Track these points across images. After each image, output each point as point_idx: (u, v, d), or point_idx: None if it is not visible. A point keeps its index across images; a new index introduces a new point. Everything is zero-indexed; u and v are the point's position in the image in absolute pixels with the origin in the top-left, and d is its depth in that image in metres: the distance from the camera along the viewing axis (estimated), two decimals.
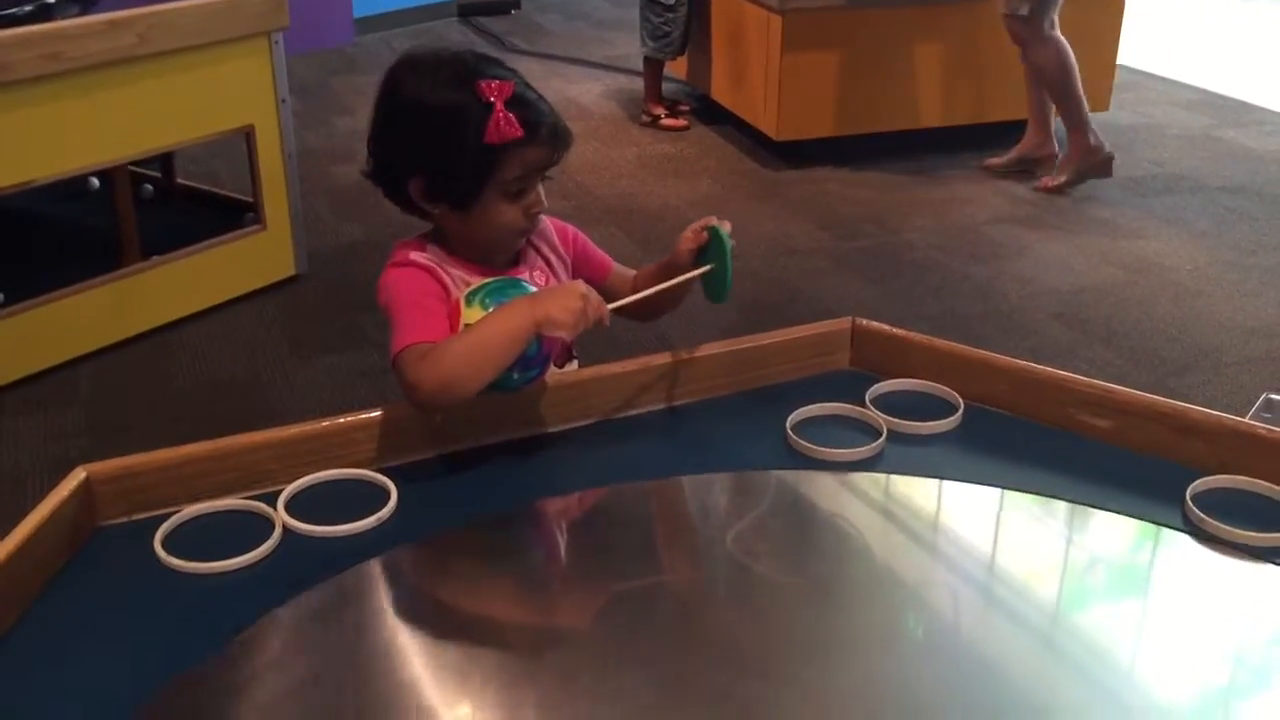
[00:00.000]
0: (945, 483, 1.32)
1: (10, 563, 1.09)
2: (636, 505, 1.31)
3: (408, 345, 1.33)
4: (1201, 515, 1.23)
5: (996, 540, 1.29)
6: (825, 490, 1.33)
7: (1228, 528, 1.22)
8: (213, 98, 3.26)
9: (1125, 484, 1.31)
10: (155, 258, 3.26)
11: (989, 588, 1.21)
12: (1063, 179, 4.23)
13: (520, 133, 1.38)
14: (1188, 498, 1.26)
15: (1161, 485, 1.29)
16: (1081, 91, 4.13)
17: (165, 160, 3.84)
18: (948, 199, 4.21)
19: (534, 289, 1.40)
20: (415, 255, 1.44)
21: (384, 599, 1.19)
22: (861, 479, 1.34)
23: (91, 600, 1.14)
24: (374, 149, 1.48)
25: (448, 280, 1.43)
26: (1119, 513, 1.26)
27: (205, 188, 3.90)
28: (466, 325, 1.35)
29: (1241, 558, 1.20)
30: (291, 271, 3.59)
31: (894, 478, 1.34)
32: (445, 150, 1.40)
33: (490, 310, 1.34)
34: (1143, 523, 1.25)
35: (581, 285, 1.35)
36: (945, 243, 3.90)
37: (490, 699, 1.04)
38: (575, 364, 1.57)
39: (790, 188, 4.36)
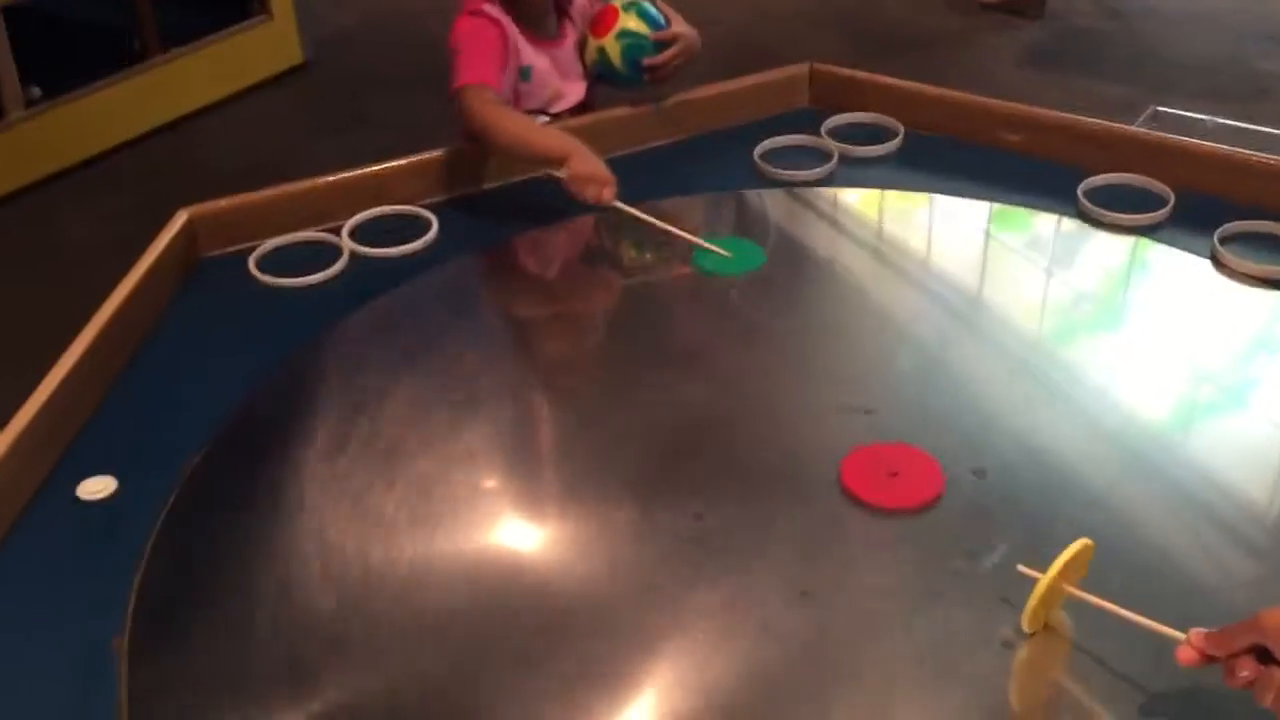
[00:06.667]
0: (886, 192, 1.62)
1: (141, 286, 1.38)
2: (629, 225, 1.58)
3: (469, 83, 1.59)
4: (1089, 205, 1.52)
5: (930, 236, 1.59)
6: (785, 203, 1.62)
7: (1112, 214, 1.51)
8: None
9: (1032, 185, 1.59)
10: (174, 49, 3.46)
11: (922, 279, 1.51)
12: None
13: None
14: (1079, 193, 1.54)
15: (1061, 183, 1.58)
16: None
17: None
18: None
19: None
20: (487, 6, 1.67)
21: (434, 311, 1.47)
22: (815, 193, 1.63)
23: (208, 312, 1.44)
24: None
25: (511, 34, 1.67)
26: (1027, 206, 1.56)
27: None
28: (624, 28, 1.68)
29: (1123, 235, 1.49)
30: (299, 60, 3.79)
31: (843, 190, 1.63)
32: None
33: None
34: (1044, 214, 1.54)
35: (607, 188, 1.51)
36: (925, 2, 4.06)
37: (505, 412, 1.29)
38: None
39: None
